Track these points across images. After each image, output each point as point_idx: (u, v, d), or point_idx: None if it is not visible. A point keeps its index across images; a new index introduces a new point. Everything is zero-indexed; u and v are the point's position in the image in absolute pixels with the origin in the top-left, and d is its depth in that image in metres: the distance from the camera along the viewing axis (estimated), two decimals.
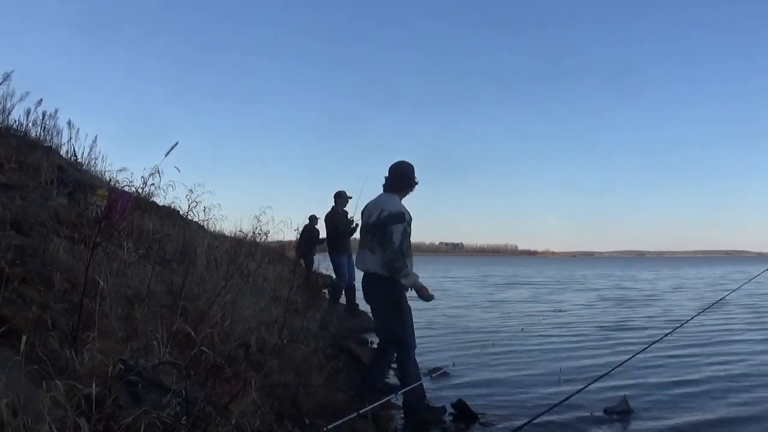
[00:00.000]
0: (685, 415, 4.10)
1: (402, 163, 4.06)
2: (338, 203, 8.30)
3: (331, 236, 8.33)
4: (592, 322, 9.49)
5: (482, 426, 3.84)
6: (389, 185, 4.02)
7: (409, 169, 4.05)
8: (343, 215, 8.30)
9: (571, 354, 6.48)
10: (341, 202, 8.30)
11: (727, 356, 6.31)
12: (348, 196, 8.28)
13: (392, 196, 3.97)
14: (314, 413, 3.24)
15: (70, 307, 2.76)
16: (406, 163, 4.07)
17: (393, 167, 4.05)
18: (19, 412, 1.74)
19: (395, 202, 3.92)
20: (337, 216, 8.25)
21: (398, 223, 3.77)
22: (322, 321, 5.92)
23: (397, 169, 4.04)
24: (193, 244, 5.76)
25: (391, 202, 3.91)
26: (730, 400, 4.49)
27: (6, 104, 7.70)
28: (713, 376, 5.29)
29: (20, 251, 3.17)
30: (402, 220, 3.79)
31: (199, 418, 2.17)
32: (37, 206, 4.54)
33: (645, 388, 4.79)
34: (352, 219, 8.24)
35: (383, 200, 3.96)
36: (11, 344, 2.19)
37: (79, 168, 8.35)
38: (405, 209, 3.88)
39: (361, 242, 4.06)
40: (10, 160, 5.81)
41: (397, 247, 3.73)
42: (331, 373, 4.24)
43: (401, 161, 4.09)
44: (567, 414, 3.95)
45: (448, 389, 4.68)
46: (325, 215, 8.42)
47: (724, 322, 9.29)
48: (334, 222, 8.23)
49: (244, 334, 3.74)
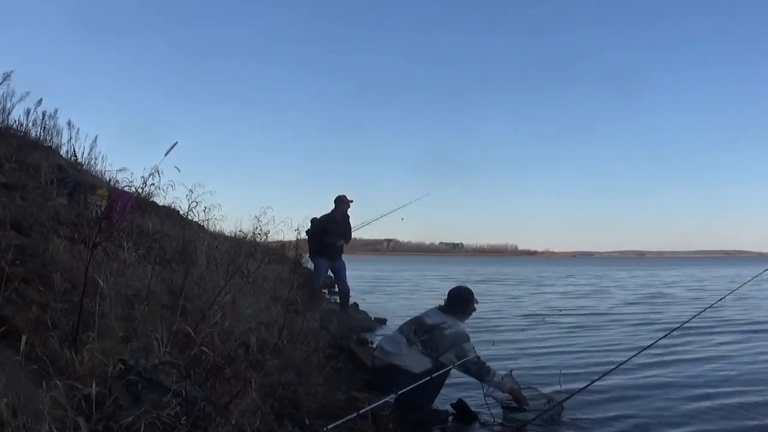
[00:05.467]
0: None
1: (463, 288, 4.33)
2: (338, 208, 8.20)
3: (316, 238, 8.25)
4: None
5: (482, 426, 3.84)
6: (448, 307, 4.20)
7: (469, 294, 4.28)
8: (342, 222, 8.22)
9: (571, 354, 6.49)
10: (342, 207, 8.21)
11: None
12: (349, 200, 8.23)
13: (453, 317, 4.14)
14: (314, 413, 3.24)
15: (70, 307, 2.76)
16: (467, 289, 4.33)
17: (454, 291, 4.29)
18: (19, 412, 1.74)
19: (458, 323, 4.11)
20: (329, 222, 8.14)
21: (467, 342, 3.99)
22: (322, 321, 5.91)
23: (457, 294, 4.26)
24: (193, 244, 5.76)
25: (455, 322, 4.10)
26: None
27: (6, 104, 7.73)
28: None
29: (20, 251, 3.18)
30: (469, 340, 4.03)
31: (199, 418, 2.18)
32: (37, 206, 4.54)
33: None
34: (348, 224, 8.20)
35: (447, 318, 4.11)
36: (11, 344, 2.19)
37: (79, 168, 8.36)
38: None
39: (401, 327, 4.22)
40: (10, 160, 5.82)
41: (476, 356, 3.94)
42: (331, 373, 4.24)
43: (463, 287, 4.35)
44: (567, 414, 3.96)
45: (448, 389, 4.67)
46: (321, 216, 8.35)
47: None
48: (325, 227, 8.14)
49: (244, 334, 3.73)
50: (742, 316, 10.08)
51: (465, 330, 4.08)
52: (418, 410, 3.75)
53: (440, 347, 3.93)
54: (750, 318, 9.88)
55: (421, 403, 3.78)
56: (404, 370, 3.88)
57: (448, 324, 4.03)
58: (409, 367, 3.90)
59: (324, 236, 8.07)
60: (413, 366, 3.90)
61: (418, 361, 3.92)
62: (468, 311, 4.24)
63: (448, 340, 3.94)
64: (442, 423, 3.84)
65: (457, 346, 3.93)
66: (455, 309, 4.18)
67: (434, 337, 3.95)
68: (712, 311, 5.21)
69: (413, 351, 3.94)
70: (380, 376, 4.02)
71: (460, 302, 4.22)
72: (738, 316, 9.96)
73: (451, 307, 4.19)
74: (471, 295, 4.27)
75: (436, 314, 4.15)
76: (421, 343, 3.95)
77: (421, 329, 4.03)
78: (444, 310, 4.19)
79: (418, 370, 3.89)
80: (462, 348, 3.93)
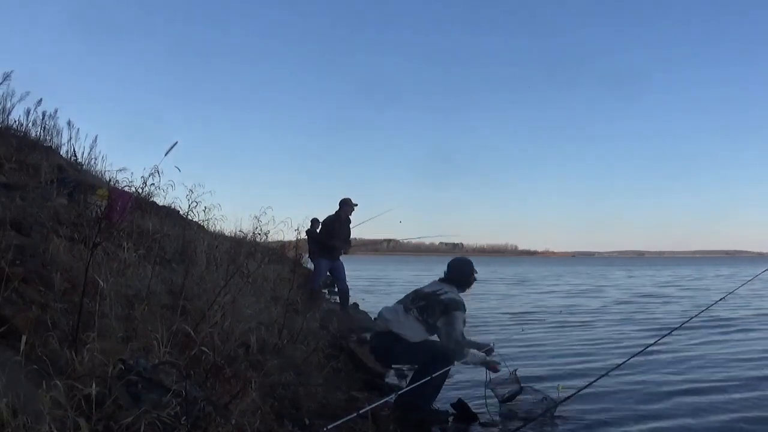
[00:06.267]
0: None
1: (463, 259, 4.37)
2: (344, 210, 8.23)
3: (321, 240, 8.27)
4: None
5: (482, 426, 3.84)
6: (448, 278, 4.21)
7: (469, 265, 4.30)
8: (345, 223, 8.24)
9: (570, 354, 6.49)
10: (347, 210, 8.23)
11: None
12: (354, 204, 8.24)
13: (452, 286, 4.14)
14: (314, 413, 3.24)
15: (70, 307, 2.76)
16: (467, 260, 4.36)
17: (454, 262, 4.32)
18: (19, 412, 1.74)
19: (456, 292, 4.11)
20: (335, 223, 8.18)
21: (460, 311, 3.97)
22: (322, 321, 5.91)
23: (457, 264, 4.28)
24: (193, 244, 5.76)
25: (453, 290, 4.11)
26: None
27: (6, 104, 7.73)
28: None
29: (20, 251, 3.18)
30: (464, 310, 4.01)
31: (199, 418, 2.17)
32: (37, 206, 4.54)
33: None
34: (350, 228, 8.21)
35: (445, 286, 4.13)
36: (11, 344, 2.19)
37: (79, 168, 8.36)
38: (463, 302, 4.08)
39: (400, 299, 4.21)
40: (10, 160, 5.82)
41: (459, 333, 3.92)
42: (331, 373, 4.24)
43: (462, 258, 4.39)
44: (566, 414, 3.96)
45: (448, 389, 4.67)
46: (326, 218, 8.36)
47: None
48: (331, 228, 8.16)
49: (244, 334, 3.73)
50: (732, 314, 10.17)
51: (462, 299, 4.06)
52: (418, 410, 3.75)
53: (435, 312, 3.93)
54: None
55: (421, 402, 3.78)
56: (403, 339, 3.90)
57: (444, 290, 4.04)
58: (408, 335, 3.91)
59: (329, 239, 8.08)
60: (411, 335, 3.92)
61: (415, 329, 3.93)
62: (468, 282, 4.25)
63: (442, 305, 3.94)
64: (442, 423, 3.84)
65: (448, 313, 3.93)
66: (455, 279, 4.19)
67: (430, 303, 3.97)
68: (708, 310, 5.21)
69: (410, 318, 3.95)
70: (379, 341, 4.09)
71: (460, 272, 4.23)
72: (730, 315, 10.04)
73: (450, 277, 4.20)
74: (470, 266, 4.29)
75: (435, 284, 4.18)
76: (417, 309, 3.96)
77: (419, 297, 4.05)
78: (443, 280, 4.21)
79: (415, 339, 3.93)
80: (452, 316, 3.92)
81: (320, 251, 8.20)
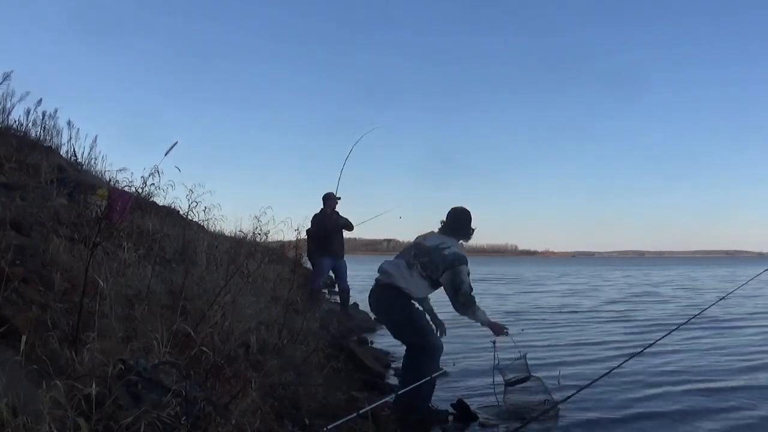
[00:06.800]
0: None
1: (461, 209, 4.16)
2: (328, 204, 8.26)
3: (317, 237, 8.27)
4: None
5: (482, 426, 3.84)
6: (447, 228, 4.09)
7: (468, 214, 4.14)
8: (332, 216, 8.25)
9: (569, 355, 6.49)
10: (331, 203, 8.26)
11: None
12: (337, 197, 8.26)
13: (452, 238, 4.03)
14: (314, 413, 3.24)
15: (70, 307, 2.76)
16: (465, 209, 4.16)
17: (453, 211, 4.13)
18: (19, 412, 1.74)
19: (457, 244, 4.01)
20: (325, 217, 8.20)
21: (464, 265, 3.88)
22: (322, 321, 5.92)
23: (456, 214, 4.12)
24: (193, 244, 5.76)
25: (454, 243, 3.99)
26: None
27: (6, 104, 7.73)
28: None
29: (20, 251, 3.18)
30: (467, 263, 3.91)
31: (199, 418, 2.18)
32: (37, 206, 4.54)
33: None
34: (340, 217, 8.23)
35: (445, 239, 4.01)
36: (11, 344, 2.19)
37: (79, 168, 8.36)
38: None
39: (401, 254, 4.11)
40: (10, 160, 5.82)
41: (468, 285, 3.85)
42: (331, 373, 4.24)
43: (461, 207, 4.18)
44: (566, 415, 3.96)
45: (448, 389, 4.67)
46: (314, 216, 8.37)
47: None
48: (322, 222, 8.18)
49: (244, 334, 3.73)
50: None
51: (464, 252, 3.98)
52: (417, 410, 3.75)
53: (439, 268, 3.87)
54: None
55: (419, 403, 3.77)
56: (405, 293, 3.85)
57: (446, 244, 3.94)
58: (412, 291, 3.87)
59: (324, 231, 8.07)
60: (415, 290, 3.88)
61: (419, 285, 3.88)
62: (467, 232, 4.12)
63: (447, 261, 3.86)
64: (442, 423, 3.83)
65: (454, 268, 3.85)
66: (454, 230, 4.08)
67: (433, 258, 3.88)
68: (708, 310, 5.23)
69: (413, 274, 3.88)
70: (381, 293, 3.95)
71: (459, 222, 4.11)
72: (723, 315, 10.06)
73: (449, 228, 4.10)
74: (469, 216, 4.15)
75: (435, 237, 4.06)
76: (420, 265, 3.89)
77: (421, 252, 3.95)
78: (443, 231, 4.10)
79: (418, 295, 3.90)
80: (458, 270, 3.85)
81: (321, 250, 8.20)
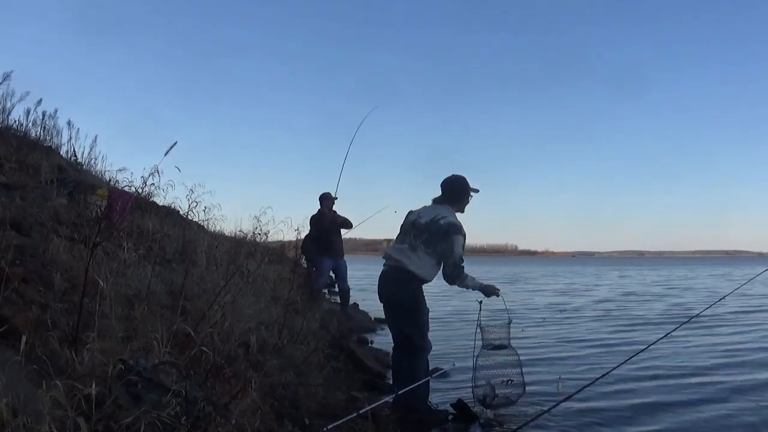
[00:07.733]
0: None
1: (455, 176, 4.07)
2: (325, 204, 8.27)
3: (316, 237, 8.27)
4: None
5: (482, 426, 3.84)
6: (441, 198, 4.02)
7: (463, 180, 4.06)
8: (329, 216, 8.25)
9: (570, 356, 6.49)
10: (328, 204, 8.27)
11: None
12: (334, 197, 8.26)
13: (447, 207, 3.97)
14: (314, 413, 3.25)
15: (70, 307, 2.76)
16: (460, 176, 4.08)
17: (447, 180, 4.05)
18: (19, 412, 1.74)
19: (453, 213, 3.95)
20: (323, 216, 8.21)
21: (459, 235, 3.83)
22: (322, 321, 5.92)
23: (451, 182, 4.04)
24: (193, 244, 5.76)
25: (449, 212, 3.93)
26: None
27: (6, 104, 7.73)
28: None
29: (20, 251, 3.18)
30: (462, 233, 3.86)
31: (199, 418, 2.18)
32: (37, 206, 4.54)
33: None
34: (338, 216, 8.23)
35: (440, 209, 3.95)
36: (11, 344, 2.19)
37: (79, 168, 8.36)
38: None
39: (401, 238, 4.03)
40: (10, 160, 5.82)
41: (458, 257, 3.80)
42: (331, 373, 4.24)
43: (455, 174, 4.07)
44: (566, 415, 3.96)
45: (448, 390, 4.67)
46: (311, 217, 8.37)
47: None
48: (319, 222, 8.18)
49: (244, 334, 3.74)
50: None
51: (460, 223, 3.92)
52: (416, 410, 3.76)
53: (438, 239, 3.83)
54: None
55: (417, 404, 3.77)
56: (419, 278, 3.82)
57: (441, 215, 3.88)
58: (423, 274, 3.83)
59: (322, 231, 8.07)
60: (426, 273, 3.83)
61: (427, 262, 3.84)
62: (463, 199, 4.06)
63: (443, 230, 3.81)
64: (442, 423, 3.83)
65: (448, 237, 3.80)
66: (449, 198, 4.01)
67: (432, 232, 3.84)
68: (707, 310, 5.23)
69: (420, 254, 3.84)
70: (395, 271, 3.88)
71: (455, 190, 4.03)
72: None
73: (445, 196, 4.03)
74: (465, 181, 4.05)
75: (430, 210, 3.98)
76: (423, 244, 3.85)
77: (419, 231, 3.89)
78: (438, 200, 4.04)
79: (430, 277, 3.86)
80: (451, 240, 3.80)
81: (321, 250, 8.20)
